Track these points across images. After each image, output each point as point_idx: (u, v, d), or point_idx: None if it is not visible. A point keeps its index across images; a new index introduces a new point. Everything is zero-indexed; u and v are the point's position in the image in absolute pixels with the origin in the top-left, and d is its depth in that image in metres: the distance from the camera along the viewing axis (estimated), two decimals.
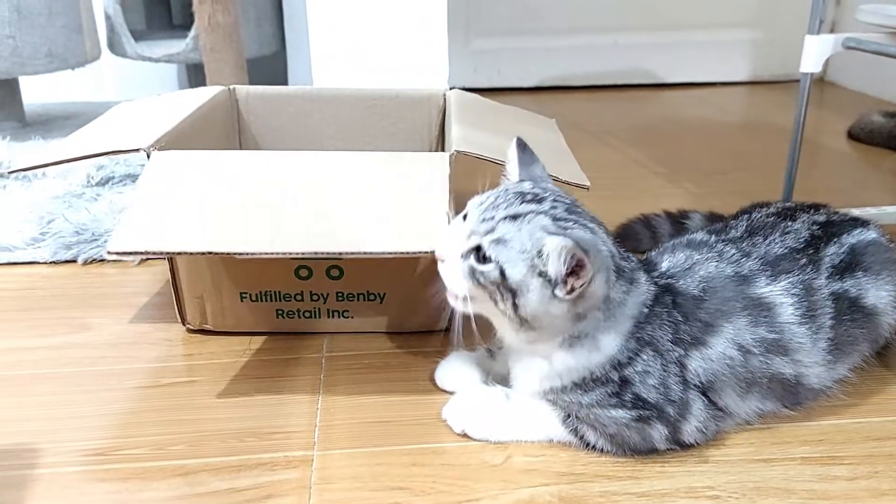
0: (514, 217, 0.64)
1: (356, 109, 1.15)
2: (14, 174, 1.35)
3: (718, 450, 0.69)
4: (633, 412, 0.66)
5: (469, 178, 0.77)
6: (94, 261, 1.11)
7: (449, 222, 0.73)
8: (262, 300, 0.88)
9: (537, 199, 0.66)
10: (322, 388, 0.80)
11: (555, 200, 0.67)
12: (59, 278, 1.07)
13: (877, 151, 1.67)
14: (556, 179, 0.84)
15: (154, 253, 0.72)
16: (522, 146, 0.73)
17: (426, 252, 0.70)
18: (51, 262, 1.11)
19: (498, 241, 0.64)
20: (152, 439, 0.72)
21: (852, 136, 1.76)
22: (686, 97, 2.26)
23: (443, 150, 1.14)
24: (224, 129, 1.11)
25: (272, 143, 1.16)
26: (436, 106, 1.16)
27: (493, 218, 0.65)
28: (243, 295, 0.88)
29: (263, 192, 0.77)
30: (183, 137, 0.88)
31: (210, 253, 0.71)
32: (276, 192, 0.77)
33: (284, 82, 2.00)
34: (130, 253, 0.71)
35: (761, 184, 1.44)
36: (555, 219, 0.65)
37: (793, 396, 0.72)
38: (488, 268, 0.64)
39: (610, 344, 0.66)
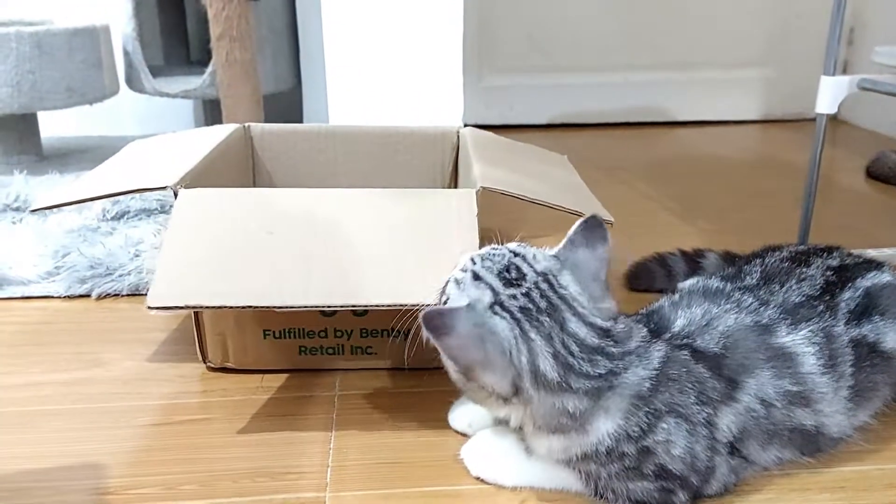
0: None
1: (370, 146, 1.16)
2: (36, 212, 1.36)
3: (738, 496, 0.68)
4: (655, 483, 0.64)
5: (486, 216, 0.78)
6: (108, 295, 1.12)
7: None
8: (285, 337, 0.88)
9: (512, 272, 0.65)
10: (335, 427, 0.79)
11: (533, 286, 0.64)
12: (72, 313, 1.07)
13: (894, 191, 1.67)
14: (578, 215, 0.84)
15: (195, 307, 0.72)
16: (593, 225, 0.68)
17: None
18: (65, 297, 1.11)
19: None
20: (163, 478, 0.71)
21: (871, 174, 1.75)
22: (698, 135, 2.26)
23: (456, 187, 1.15)
24: (239, 167, 1.12)
25: (286, 179, 1.17)
26: (450, 143, 1.16)
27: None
28: (266, 332, 0.88)
29: (294, 236, 0.77)
30: (203, 175, 0.89)
31: (250, 307, 0.71)
32: (306, 233, 0.78)
33: (300, 118, 2.02)
34: (170, 308, 0.71)
35: (776, 222, 1.43)
36: (495, 293, 0.64)
37: (812, 445, 0.71)
38: None
39: (601, 427, 0.63)
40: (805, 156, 1.13)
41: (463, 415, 0.77)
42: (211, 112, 2.06)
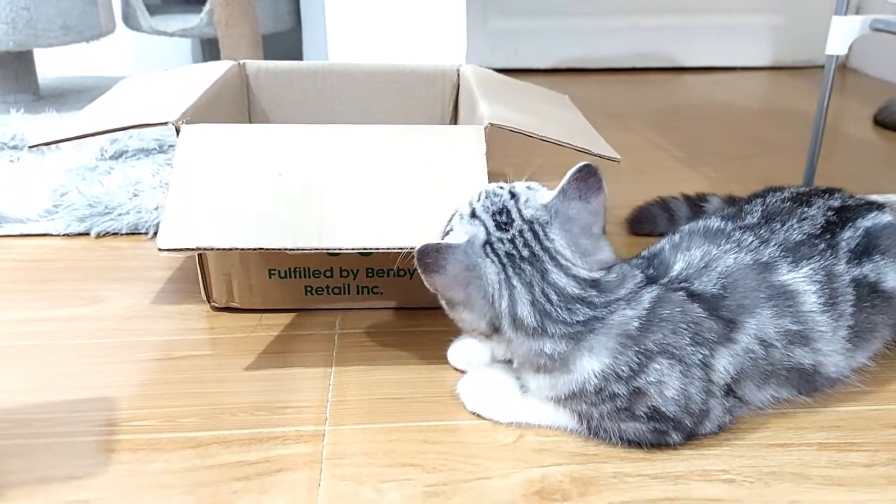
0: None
1: (368, 85, 1.14)
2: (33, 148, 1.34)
3: (734, 434, 0.68)
4: (648, 424, 0.64)
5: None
6: (107, 234, 1.11)
7: None
8: (290, 277, 0.88)
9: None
10: (334, 364, 0.79)
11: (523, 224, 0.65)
12: (71, 251, 1.07)
13: None
14: (587, 153, 0.83)
15: (206, 249, 0.71)
16: (587, 174, 0.64)
17: None
18: (64, 235, 1.11)
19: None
20: (164, 411, 0.72)
21: (879, 122, 1.72)
22: (707, 81, 2.22)
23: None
24: (235, 105, 1.10)
25: (283, 119, 1.15)
26: (450, 82, 1.14)
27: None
28: (272, 272, 0.87)
29: (304, 173, 0.76)
30: (201, 112, 0.87)
31: (262, 249, 0.70)
32: (316, 171, 0.76)
33: (300, 58, 1.99)
34: (181, 250, 0.70)
35: (782, 170, 1.41)
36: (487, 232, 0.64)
37: (809, 385, 0.71)
38: None
39: (585, 365, 0.63)
40: (814, 104, 1.11)
41: (462, 352, 0.78)
42: (210, 51, 2.03)
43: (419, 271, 0.63)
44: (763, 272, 0.68)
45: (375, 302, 0.90)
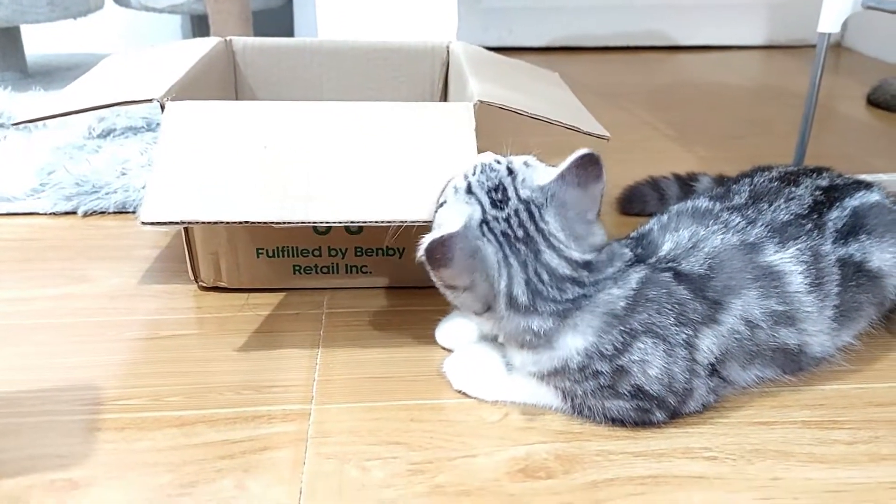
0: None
1: (357, 62, 1.13)
2: (17, 125, 1.33)
3: (717, 412, 0.68)
4: (631, 402, 0.64)
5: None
6: (94, 213, 1.11)
7: None
8: (278, 256, 0.87)
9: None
10: (321, 344, 0.79)
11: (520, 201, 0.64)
12: (58, 229, 1.06)
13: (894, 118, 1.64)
14: (576, 130, 0.82)
15: (190, 222, 0.70)
16: (588, 162, 0.63)
17: None
18: (51, 214, 1.10)
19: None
20: (150, 390, 0.72)
21: (872, 102, 1.72)
22: (701, 60, 2.21)
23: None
24: (221, 82, 1.09)
25: (270, 96, 1.13)
26: (439, 59, 1.13)
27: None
28: (259, 251, 0.87)
29: (291, 148, 0.75)
30: (187, 89, 0.86)
31: (247, 223, 0.70)
32: (303, 146, 0.76)
33: (291, 35, 1.97)
34: (165, 223, 0.70)
35: (774, 149, 1.41)
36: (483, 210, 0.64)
37: (794, 364, 0.71)
38: None
39: (569, 343, 0.63)
40: (805, 84, 1.11)
41: (450, 331, 0.78)
42: (200, 28, 2.01)
43: (428, 268, 0.62)
44: (750, 253, 0.68)
45: (364, 281, 0.90)
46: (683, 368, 0.64)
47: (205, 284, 0.89)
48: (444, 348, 0.78)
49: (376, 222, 0.71)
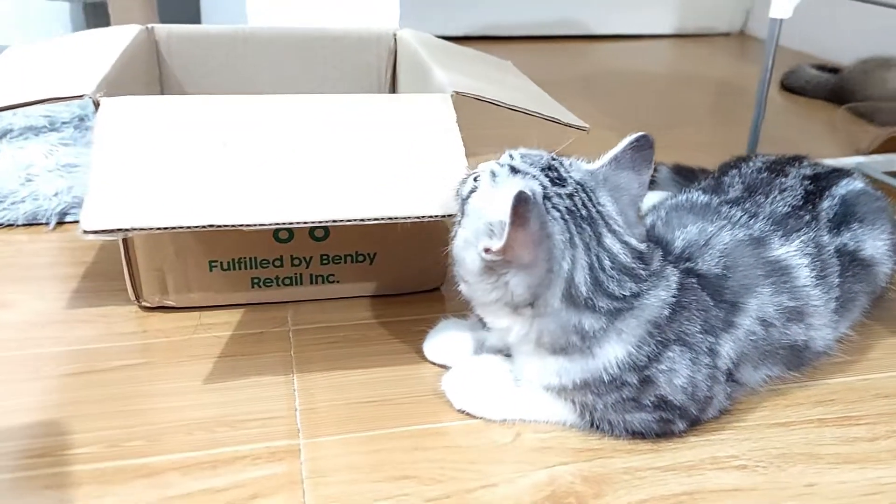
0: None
1: (294, 51, 1.03)
2: None
3: (733, 416, 0.66)
4: (654, 414, 0.60)
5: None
6: (0, 226, 0.96)
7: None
8: (235, 268, 0.78)
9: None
10: (294, 367, 0.71)
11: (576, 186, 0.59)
12: None
13: (810, 103, 1.69)
14: (555, 121, 0.78)
15: (142, 230, 0.60)
16: (643, 145, 0.60)
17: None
18: None
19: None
20: (103, 434, 0.62)
21: (786, 87, 1.77)
22: (617, 49, 2.22)
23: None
24: (145, 76, 0.97)
25: (199, 90, 1.02)
26: (385, 47, 1.05)
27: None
28: (213, 263, 0.77)
29: (251, 145, 0.66)
30: (114, 85, 0.75)
31: (210, 227, 0.60)
32: (265, 143, 0.67)
33: (197, 21, 1.82)
34: (110, 231, 0.59)
35: (712, 136, 1.42)
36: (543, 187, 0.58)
37: (798, 360, 0.69)
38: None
39: (609, 352, 0.58)
40: (718, 71, 1.12)
41: (440, 344, 0.71)
42: (94, 17, 1.83)
43: (513, 223, 0.52)
44: (758, 248, 0.66)
45: (331, 291, 0.82)
46: (706, 376, 0.61)
47: (148, 304, 0.79)
48: (434, 364, 0.71)
49: (361, 221, 0.63)
